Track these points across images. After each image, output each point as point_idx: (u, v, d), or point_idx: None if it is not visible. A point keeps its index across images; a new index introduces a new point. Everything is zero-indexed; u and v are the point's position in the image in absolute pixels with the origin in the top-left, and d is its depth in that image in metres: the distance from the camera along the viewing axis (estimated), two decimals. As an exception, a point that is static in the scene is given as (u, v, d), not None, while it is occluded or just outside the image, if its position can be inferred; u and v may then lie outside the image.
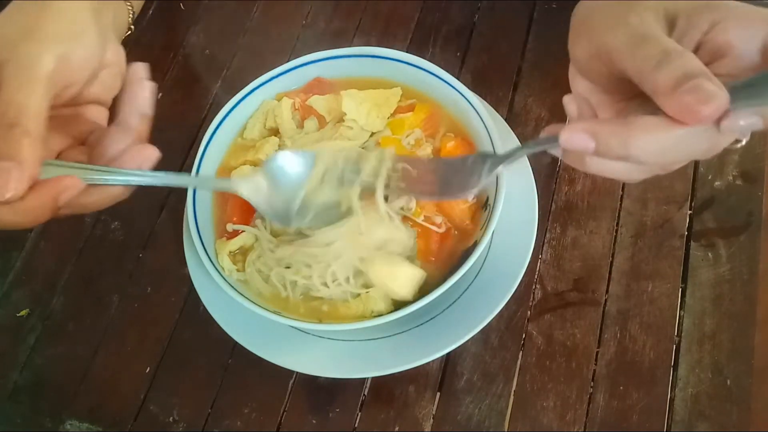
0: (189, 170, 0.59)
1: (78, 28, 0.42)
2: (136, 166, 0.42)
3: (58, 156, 0.43)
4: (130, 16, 0.55)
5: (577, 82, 0.44)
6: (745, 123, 0.33)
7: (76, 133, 0.45)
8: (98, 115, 0.47)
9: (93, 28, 0.43)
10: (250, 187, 0.49)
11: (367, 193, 0.51)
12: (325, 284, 0.52)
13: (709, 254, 0.62)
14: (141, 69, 0.47)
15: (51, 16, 0.41)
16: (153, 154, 0.43)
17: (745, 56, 0.35)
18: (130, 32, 0.56)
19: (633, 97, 0.40)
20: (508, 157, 0.45)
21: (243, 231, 0.56)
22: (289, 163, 0.50)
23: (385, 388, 0.59)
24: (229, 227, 0.57)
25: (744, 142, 0.36)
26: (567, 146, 0.37)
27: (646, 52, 0.35)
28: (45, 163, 0.39)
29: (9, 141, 0.36)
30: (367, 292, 0.52)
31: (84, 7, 0.43)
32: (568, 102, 0.41)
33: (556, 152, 0.40)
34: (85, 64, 0.43)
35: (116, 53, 0.47)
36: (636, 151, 0.35)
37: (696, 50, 0.36)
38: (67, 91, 0.42)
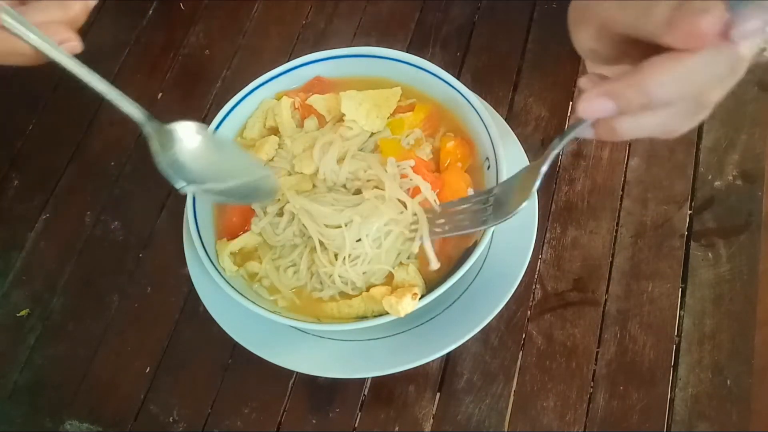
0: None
1: None
2: (57, 41, 0.42)
3: None
4: None
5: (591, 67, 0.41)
6: (753, 25, 0.31)
7: None
8: None
9: None
10: (185, 131, 0.48)
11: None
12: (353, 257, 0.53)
13: (709, 254, 0.61)
14: None
15: None
16: (76, 42, 0.43)
17: None
18: None
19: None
20: (545, 162, 0.43)
21: (244, 232, 0.57)
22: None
23: (385, 388, 0.59)
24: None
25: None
26: (587, 115, 0.35)
27: (652, 10, 0.33)
28: None
29: None
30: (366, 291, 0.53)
31: None
32: (585, 83, 0.38)
33: (587, 133, 0.38)
34: None
35: None
36: (656, 93, 0.33)
37: None
38: None
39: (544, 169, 0.43)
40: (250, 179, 0.54)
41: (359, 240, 0.53)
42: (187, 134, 0.49)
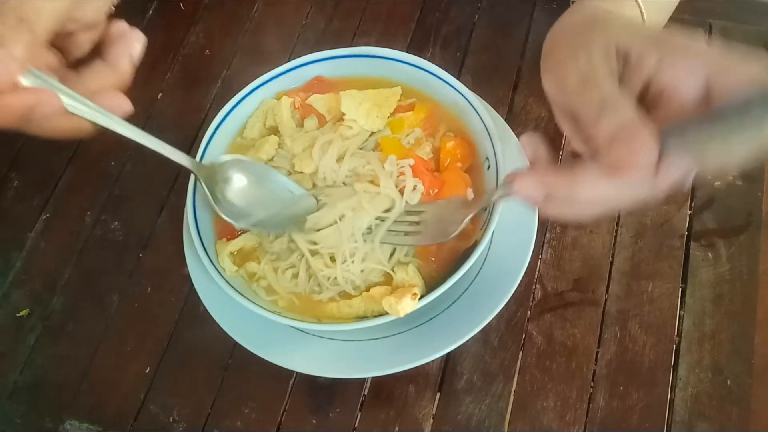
0: (189, 170, 0.59)
1: None
2: (109, 108, 0.42)
3: None
4: None
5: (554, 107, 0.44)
6: (678, 169, 0.34)
7: (67, 57, 0.44)
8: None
9: None
10: (237, 175, 0.52)
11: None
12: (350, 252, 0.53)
13: (709, 254, 0.62)
14: (125, 24, 0.46)
15: None
16: (127, 105, 0.43)
17: (687, 98, 0.35)
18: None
19: None
20: (481, 205, 0.50)
21: (244, 232, 0.57)
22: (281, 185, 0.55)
23: (385, 388, 0.59)
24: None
25: (689, 185, 0.36)
26: (520, 196, 0.39)
27: (588, 97, 0.36)
28: (31, 70, 0.39)
29: (14, 31, 0.37)
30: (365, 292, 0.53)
31: None
32: (525, 144, 0.41)
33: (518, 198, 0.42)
34: (99, 5, 0.43)
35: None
36: (582, 200, 0.37)
37: (644, 90, 0.36)
38: (73, 23, 0.43)
39: (470, 218, 0.49)
40: (290, 202, 0.55)
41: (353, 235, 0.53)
42: (232, 173, 0.53)
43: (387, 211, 0.54)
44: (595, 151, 0.35)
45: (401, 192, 0.54)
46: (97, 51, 0.45)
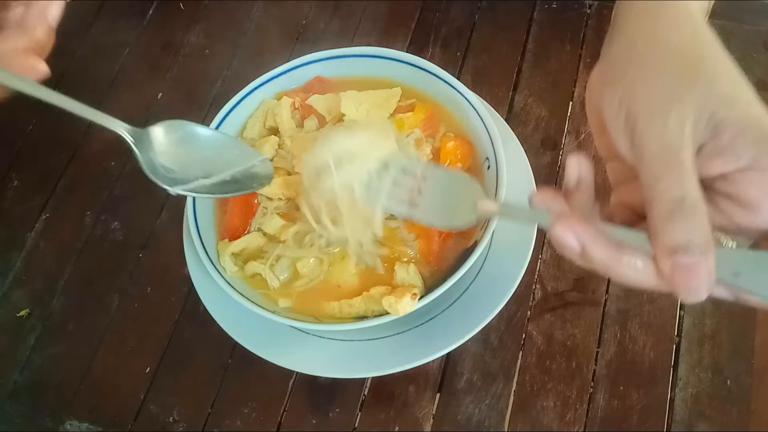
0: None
1: None
2: (20, 71, 0.41)
3: None
4: None
5: (594, 118, 0.38)
6: (719, 293, 0.32)
7: None
8: None
9: None
10: (160, 132, 0.47)
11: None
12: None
13: (709, 254, 0.61)
14: None
15: None
16: (43, 68, 0.42)
17: (764, 219, 0.31)
18: None
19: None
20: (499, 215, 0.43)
21: (246, 233, 0.57)
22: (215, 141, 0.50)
23: (385, 388, 0.59)
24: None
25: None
26: (556, 242, 0.34)
27: (665, 178, 0.31)
28: None
29: None
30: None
31: None
32: (572, 165, 0.36)
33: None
34: None
35: None
36: (614, 279, 0.34)
37: (724, 181, 0.32)
38: None
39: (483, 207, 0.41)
40: (241, 168, 0.52)
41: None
42: (161, 134, 0.48)
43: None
44: (650, 234, 0.32)
45: None
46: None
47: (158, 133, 0.48)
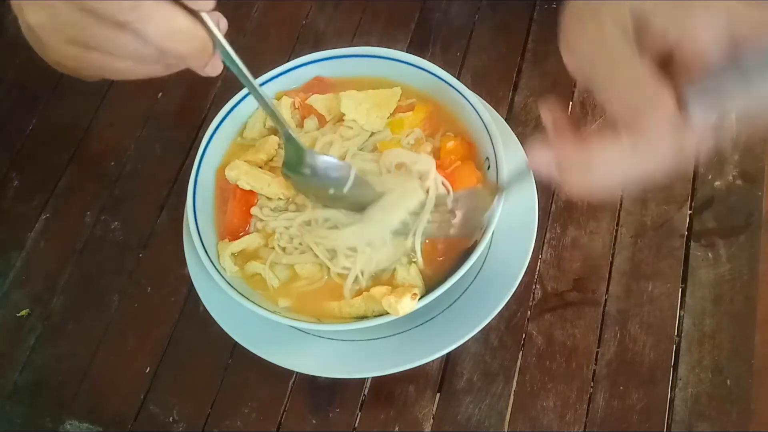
0: (189, 170, 0.59)
1: None
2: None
3: None
4: None
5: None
6: (700, 125, 0.32)
7: None
8: None
9: None
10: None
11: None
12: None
13: (709, 254, 0.61)
14: None
15: None
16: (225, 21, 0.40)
17: (713, 57, 0.32)
18: None
19: None
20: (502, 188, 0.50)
21: (247, 233, 0.57)
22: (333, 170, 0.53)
23: (385, 388, 0.59)
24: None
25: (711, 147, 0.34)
26: (533, 167, 0.38)
27: (598, 60, 0.34)
28: None
29: None
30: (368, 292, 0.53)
31: None
32: (544, 111, 0.39)
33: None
34: None
35: None
36: (598, 168, 0.35)
37: (667, 56, 0.34)
38: None
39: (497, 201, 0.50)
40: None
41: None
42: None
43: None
44: (612, 118, 0.33)
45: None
46: None
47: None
